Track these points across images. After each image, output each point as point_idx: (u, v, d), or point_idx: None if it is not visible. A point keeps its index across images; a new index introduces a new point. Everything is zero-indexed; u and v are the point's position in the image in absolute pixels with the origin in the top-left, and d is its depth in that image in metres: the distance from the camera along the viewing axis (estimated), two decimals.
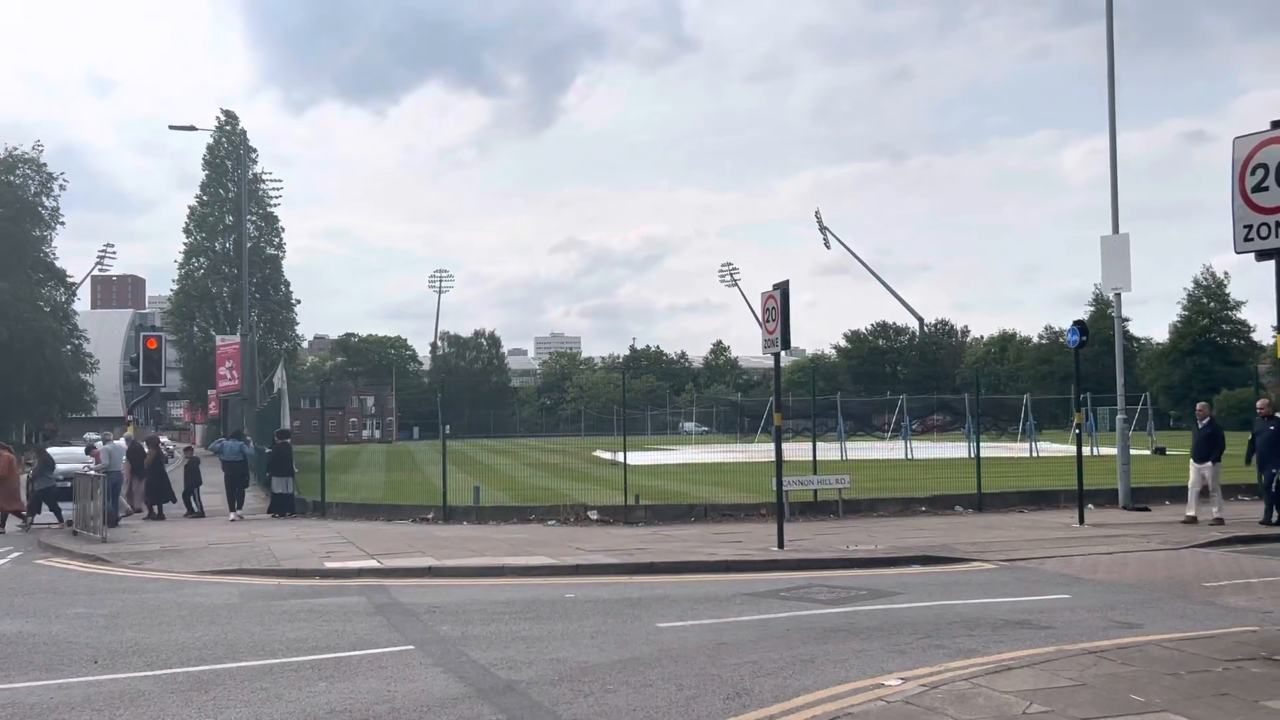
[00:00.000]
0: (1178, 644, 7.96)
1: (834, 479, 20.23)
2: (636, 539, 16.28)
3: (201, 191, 70.57)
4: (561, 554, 14.38)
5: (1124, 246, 18.62)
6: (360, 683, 7.54)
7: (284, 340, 70.99)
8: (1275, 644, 7.66)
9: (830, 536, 16.30)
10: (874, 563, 13.64)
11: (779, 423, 16.26)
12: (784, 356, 15.46)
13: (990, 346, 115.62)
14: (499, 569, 13.32)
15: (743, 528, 17.92)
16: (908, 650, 8.35)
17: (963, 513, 20.01)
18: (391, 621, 10.02)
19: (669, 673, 7.70)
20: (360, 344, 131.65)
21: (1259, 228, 7.31)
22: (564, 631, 9.34)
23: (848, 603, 10.72)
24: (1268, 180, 7.24)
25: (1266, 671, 7.05)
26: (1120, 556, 13.76)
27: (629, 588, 11.99)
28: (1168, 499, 21.25)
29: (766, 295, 15.08)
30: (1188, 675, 6.97)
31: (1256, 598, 10.62)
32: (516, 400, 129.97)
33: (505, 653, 8.46)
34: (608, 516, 19.22)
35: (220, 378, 43.15)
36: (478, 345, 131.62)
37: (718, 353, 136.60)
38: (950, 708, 6.32)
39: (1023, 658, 7.73)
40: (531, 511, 19.91)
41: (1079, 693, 6.59)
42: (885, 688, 7.00)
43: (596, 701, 6.95)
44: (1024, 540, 15.47)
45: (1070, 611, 10.00)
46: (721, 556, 14.02)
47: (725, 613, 10.18)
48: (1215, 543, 14.98)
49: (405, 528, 18.89)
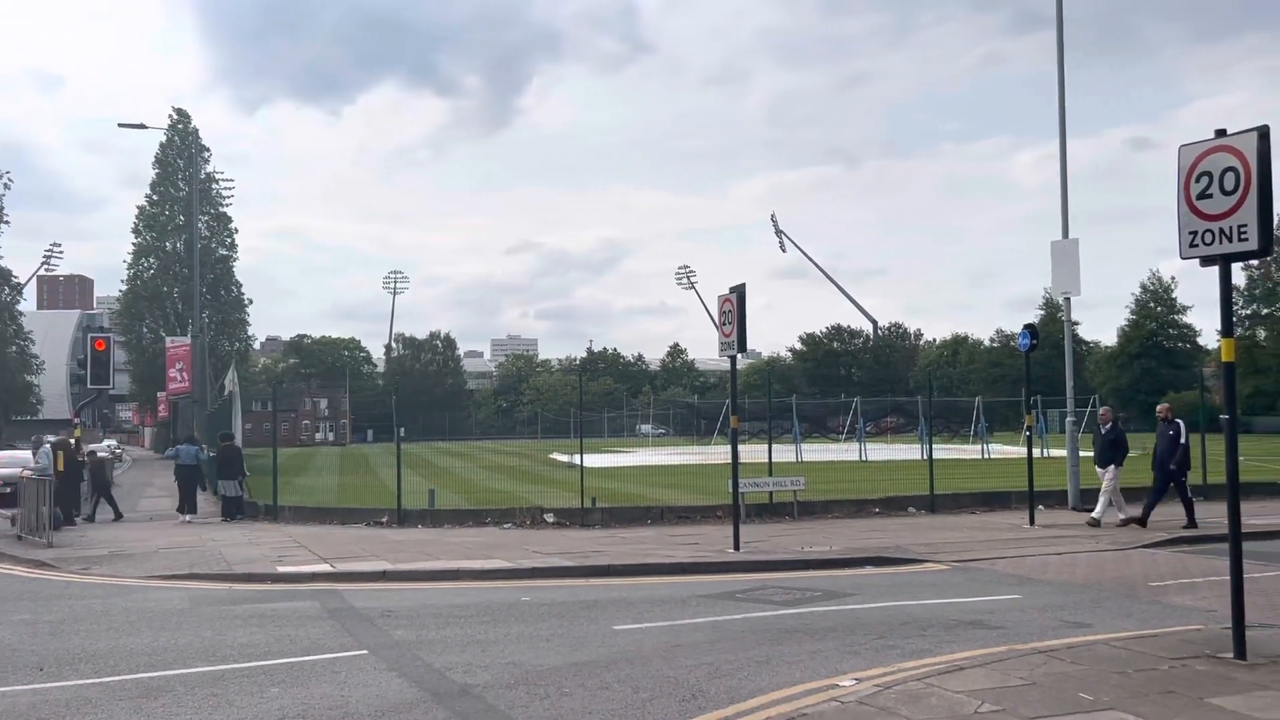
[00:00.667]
0: (1125, 643, 8.10)
1: (789, 481, 20.36)
2: (593, 541, 16.27)
3: (151, 191, 69.39)
4: (517, 557, 14.33)
5: (1073, 251, 18.92)
6: (313, 688, 7.46)
7: (235, 342, 69.98)
8: (1219, 642, 7.81)
9: (785, 538, 16.39)
10: (828, 564, 13.73)
11: (735, 425, 16.33)
12: (740, 359, 15.53)
13: (943, 350, 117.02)
14: (454, 572, 13.25)
15: (699, 530, 17.98)
16: (862, 651, 8.42)
17: (916, 514, 20.22)
18: (345, 626, 9.92)
19: (625, 675, 7.70)
20: (313, 346, 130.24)
21: (1203, 234, 7.45)
22: (520, 635, 9.31)
23: (803, 604, 10.79)
24: (1212, 188, 7.39)
25: (1210, 669, 7.19)
26: (1070, 557, 13.97)
27: (585, 590, 11.98)
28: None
29: (723, 298, 15.14)
30: (1135, 674, 7.09)
31: (1201, 597, 10.84)
32: (472, 402, 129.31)
33: (461, 657, 8.42)
34: (564, 519, 19.19)
35: (170, 380, 42.45)
36: (433, 347, 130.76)
37: (675, 355, 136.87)
38: (904, 708, 6.39)
39: (975, 657, 7.82)
40: (487, 515, 19.82)
41: (1029, 692, 6.68)
42: (840, 688, 7.05)
43: (553, 705, 6.93)
44: (976, 541, 15.66)
45: (1021, 611, 10.14)
46: (678, 559, 14.05)
47: (681, 615, 10.20)
48: (1162, 543, 15.26)
49: (359, 531, 18.72)
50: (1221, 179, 7.33)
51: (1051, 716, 6.14)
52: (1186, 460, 17.11)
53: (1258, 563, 12.68)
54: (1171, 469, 16.88)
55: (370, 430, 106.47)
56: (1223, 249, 7.34)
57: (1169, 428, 17.13)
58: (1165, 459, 16.98)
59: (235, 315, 70.13)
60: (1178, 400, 75.67)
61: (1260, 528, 16.26)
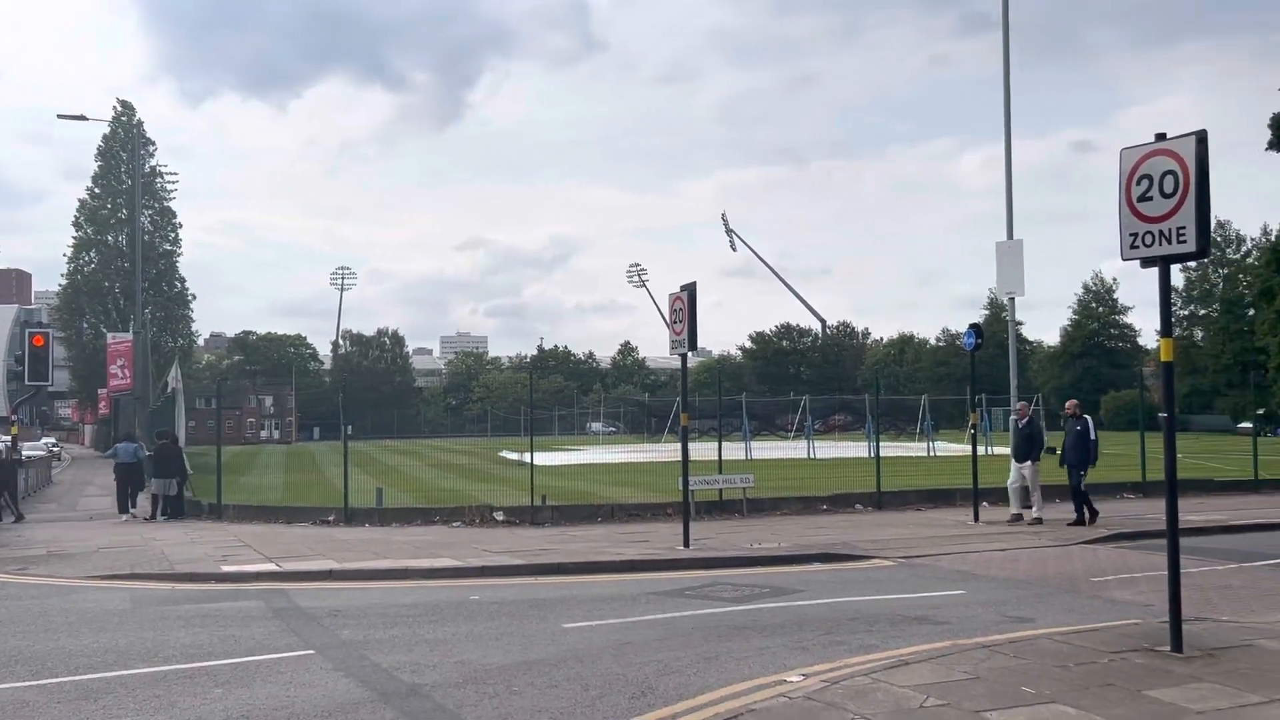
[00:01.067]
0: (1066, 637, 8.25)
1: (739, 478, 20.47)
2: (543, 540, 16.23)
3: (94, 183, 67.96)
4: (466, 556, 14.26)
5: (1018, 252, 19.20)
6: (258, 689, 7.36)
7: (179, 338, 68.84)
8: (1157, 636, 7.98)
9: (735, 535, 16.48)
10: (777, 560, 13.83)
11: (685, 423, 16.38)
12: (691, 357, 15.58)
13: (890, 348, 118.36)
14: (402, 571, 13.14)
15: (649, 527, 18.01)
16: (809, 647, 8.49)
17: (863, 511, 20.43)
18: (291, 626, 9.80)
19: (574, 673, 7.70)
20: (259, 342, 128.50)
21: (1144, 236, 7.60)
22: (469, 633, 9.26)
23: (751, 600, 10.85)
24: (1152, 190, 7.54)
25: (1148, 662, 7.35)
26: (1013, 553, 14.20)
27: (535, 589, 11.95)
28: (1058, 497, 21.96)
29: (674, 296, 15.18)
30: (1075, 667, 7.23)
31: (1140, 591, 11.07)
32: (421, 400, 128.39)
33: (409, 656, 8.35)
34: (514, 517, 19.12)
35: (111, 376, 41.61)
36: (381, 344, 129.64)
37: (626, 353, 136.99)
38: (850, 703, 6.45)
39: (920, 652, 7.92)
40: (436, 513, 19.69)
41: (973, 686, 6.78)
42: (787, 684, 7.10)
43: (502, 703, 6.91)
44: (921, 538, 15.86)
45: (965, 607, 10.29)
46: (628, 556, 14.07)
47: (631, 612, 10.21)
48: (1102, 539, 15.56)
49: (305, 530, 18.50)
50: (1161, 182, 7.48)
51: (994, 710, 6.24)
52: (1092, 457, 17.24)
53: (1194, 558, 12.97)
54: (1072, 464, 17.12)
55: (317, 428, 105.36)
56: (1162, 251, 7.50)
57: (1077, 424, 17.42)
58: (1073, 456, 17.22)
59: (179, 311, 68.95)
60: (1118, 399, 77.46)
61: (1197, 524, 16.69)
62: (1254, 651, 7.65)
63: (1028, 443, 17.73)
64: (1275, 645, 7.87)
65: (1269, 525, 17.22)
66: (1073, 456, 17.26)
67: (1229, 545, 14.85)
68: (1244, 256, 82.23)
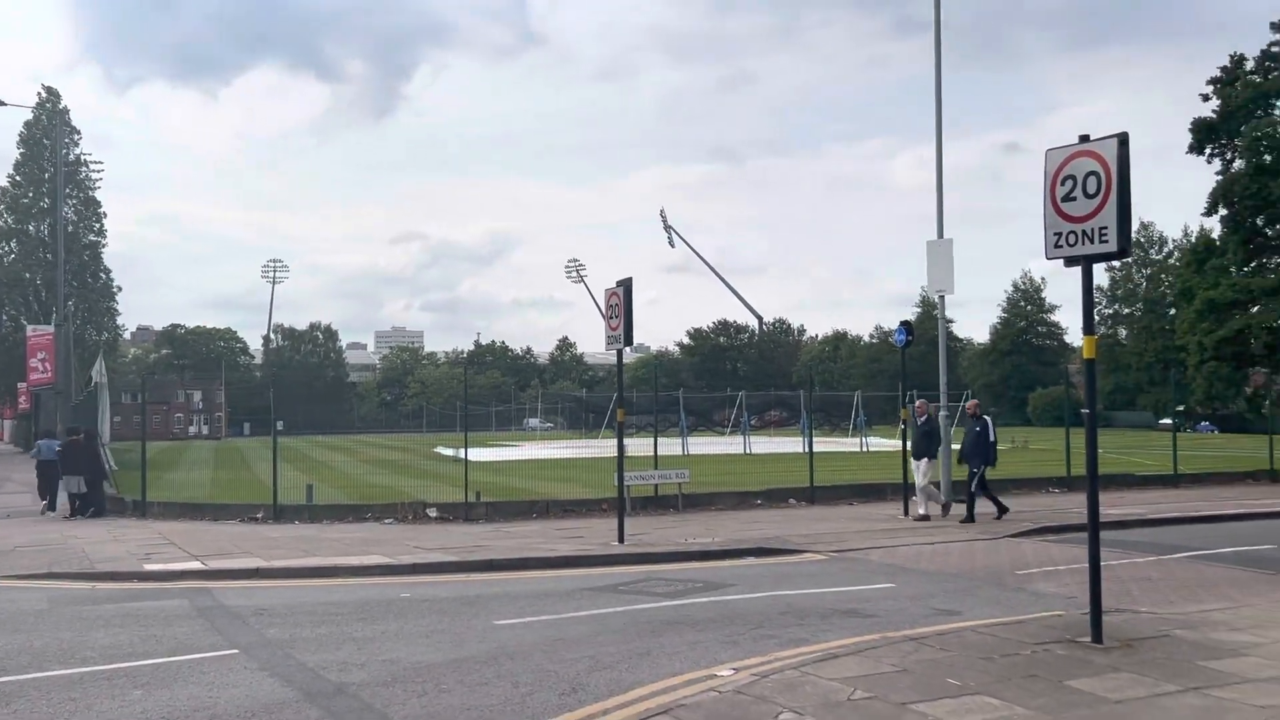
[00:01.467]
0: (991, 629, 8.39)
1: (674, 474, 20.53)
2: (477, 536, 16.11)
3: (15, 171, 65.86)
4: (398, 553, 14.10)
5: (947, 251, 19.48)
6: (179, 690, 7.20)
7: (104, 331, 67.03)
8: (1079, 627, 8.16)
9: (670, 530, 16.52)
10: (711, 555, 13.89)
11: (621, 419, 16.37)
12: (629, 353, 15.59)
13: (824, 345, 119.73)
14: (332, 569, 12.95)
15: (584, 523, 17.98)
16: (740, 641, 8.54)
17: (796, 505, 20.61)
18: (215, 625, 9.60)
19: (505, 670, 7.65)
20: (187, 336, 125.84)
21: (1067, 235, 7.76)
22: (398, 631, 9.15)
23: (684, 595, 10.88)
24: (1076, 191, 7.70)
25: (1070, 653, 7.51)
26: (942, 547, 14.43)
27: (467, 586, 11.85)
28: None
29: (610, 292, 15.17)
30: (1000, 659, 7.36)
31: (1063, 584, 11.31)
32: (355, 395, 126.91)
33: (336, 655, 8.23)
34: (448, 514, 18.96)
35: (31, 370, 40.46)
36: (314, 338, 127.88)
37: (564, 348, 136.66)
38: (780, 696, 6.49)
39: (849, 645, 8.00)
40: (368, 510, 19.45)
41: (900, 678, 6.87)
42: (718, 678, 7.13)
43: (430, 701, 6.84)
44: (853, 532, 16.05)
45: (894, 600, 10.43)
46: (562, 552, 14.02)
47: (564, 608, 10.17)
48: (1028, 532, 15.87)
49: (233, 528, 18.15)
50: (1085, 182, 7.64)
51: (921, 702, 6.32)
52: (991, 457, 17.39)
53: (1115, 551, 13.30)
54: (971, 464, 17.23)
55: (247, 424, 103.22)
56: (1085, 250, 7.66)
57: (977, 424, 17.55)
58: (970, 454, 17.34)
59: (103, 303, 67.18)
60: (1045, 396, 79.08)
61: (1118, 518, 17.10)
62: (1169, 642, 7.86)
63: (925, 440, 17.81)
64: (1190, 636, 8.09)
65: (1187, 519, 17.71)
66: (972, 456, 17.34)
67: (1149, 538, 15.25)
68: (1166, 257, 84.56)
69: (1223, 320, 29.45)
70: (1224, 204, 30.06)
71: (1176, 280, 66.67)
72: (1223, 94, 31.10)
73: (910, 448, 18.29)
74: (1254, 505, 19.65)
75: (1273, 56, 30.66)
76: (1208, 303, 29.98)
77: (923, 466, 17.73)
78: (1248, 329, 28.83)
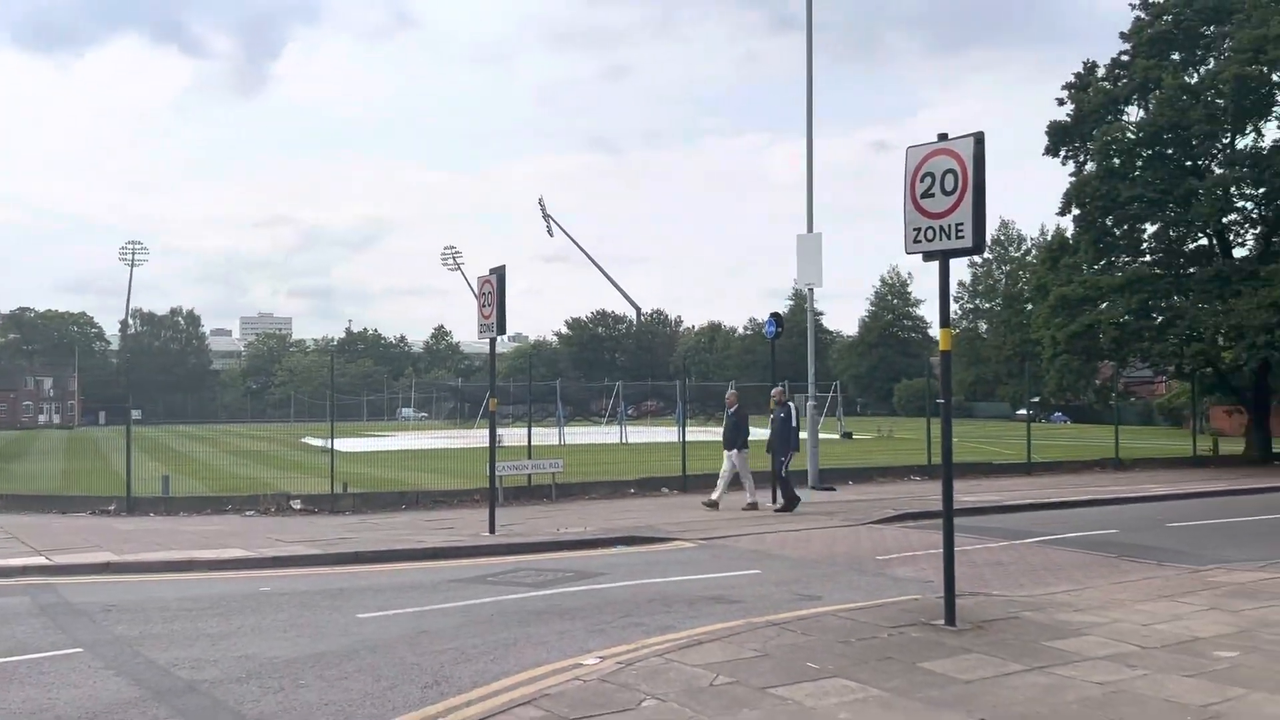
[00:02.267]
0: (851, 614, 8.61)
1: (548, 463, 20.49)
2: (342, 528, 15.76)
3: None
4: (259, 545, 13.67)
5: (817, 245, 19.93)
6: (14, 692, 6.80)
7: None
8: (934, 610, 8.44)
9: (541, 520, 16.46)
10: (582, 544, 13.88)
11: (493, 408, 16.21)
12: (508, 342, 15.52)
13: (700, 336, 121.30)
14: (187, 563, 12.46)
15: (456, 514, 17.77)
16: (608, 629, 8.55)
17: (669, 494, 20.81)
18: (58, 623, 9.13)
19: (366, 664, 7.48)
20: (37, 320, 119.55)
21: (926, 231, 7.99)
22: (255, 626, 8.86)
23: (553, 585, 10.85)
24: (934, 188, 7.93)
25: (924, 636, 7.76)
26: (806, 533, 14.75)
27: (330, 579, 11.56)
28: (851, 479, 23.08)
29: (483, 279, 15.02)
30: (857, 642, 7.55)
31: (920, 568, 11.69)
32: (219, 383, 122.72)
33: (188, 651, 7.92)
34: (313, 506, 18.49)
35: None
36: (174, 324, 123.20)
37: (439, 337, 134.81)
38: (644, 683, 6.52)
39: (714, 631, 8.10)
40: (228, 502, 18.81)
41: (762, 663, 6.99)
42: (583, 667, 7.12)
43: (286, 697, 6.64)
44: (722, 519, 16.28)
45: (760, 586, 10.61)
46: (430, 544, 13.82)
47: (430, 600, 10.02)
48: (889, 519, 16.35)
49: (82, 521, 17.31)
50: (943, 180, 7.87)
51: (781, 685, 6.44)
52: (794, 443, 17.77)
53: (970, 536, 13.82)
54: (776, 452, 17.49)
55: (102, 413, 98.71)
56: (942, 246, 7.90)
57: (781, 411, 17.83)
58: (777, 443, 17.58)
59: None
60: (910, 387, 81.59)
61: (974, 504, 17.79)
62: (1018, 623, 8.20)
63: (734, 431, 17.98)
64: (1037, 617, 8.45)
65: (1039, 505, 18.53)
66: (777, 444, 17.56)
67: (1003, 524, 15.88)
68: (1024, 255, 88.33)
69: (1074, 316, 30.86)
70: (1077, 204, 31.47)
71: (1033, 277, 69.74)
72: (1077, 99, 32.55)
73: (723, 439, 18.31)
74: (1100, 492, 20.71)
75: (1122, 65, 32.22)
76: (1060, 299, 31.37)
77: (733, 456, 17.80)
78: (1097, 324, 30.29)
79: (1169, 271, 31.62)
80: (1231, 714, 5.88)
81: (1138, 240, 32.50)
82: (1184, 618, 8.43)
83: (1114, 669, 6.82)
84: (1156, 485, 22.25)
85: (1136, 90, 31.40)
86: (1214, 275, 29.51)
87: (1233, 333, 27.68)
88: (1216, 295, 28.80)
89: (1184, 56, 31.80)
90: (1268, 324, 26.41)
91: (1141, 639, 7.65)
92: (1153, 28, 31.68)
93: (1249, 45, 28.13)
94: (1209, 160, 31.33)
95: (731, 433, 17.98)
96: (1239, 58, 28.35)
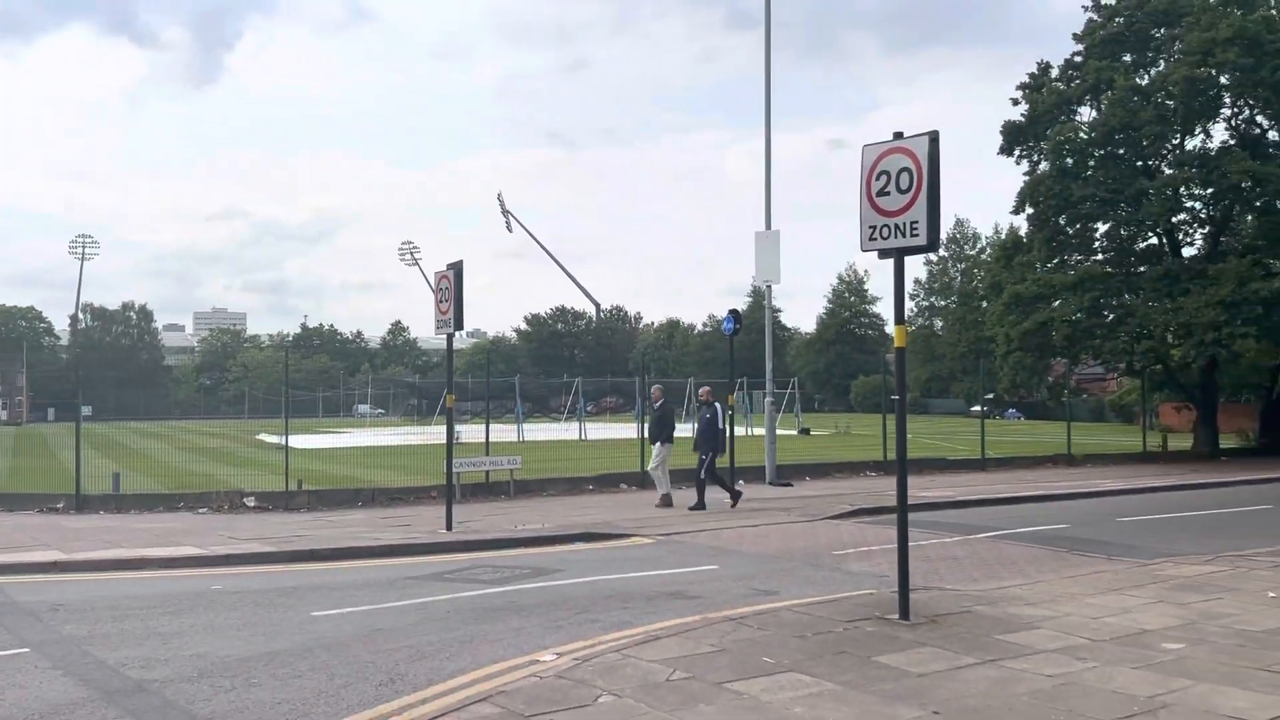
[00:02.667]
0: (807, 608, 8.67)
1: (506, 460, 20.40)
2: (297, 525, 15.60)
3: None
4: (211, 543, 13.50)
5: (775, 242, 20.03)
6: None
7: None
8: (888, 605, 8.51)
9: (499, 517, 16.40)
10: (540, 541, 13.85)
11: (451, 404, 16.14)
12: (467, 339, 15.55)
13: (660, 333, 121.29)
14: (138, 561, 12.28)
15: (413, 511, 17.67)
16: (565, 625, 8.54)
17: (627, 490, 20.81)
18: (2, 622, 8.95)
19: (321, 662, 7.42)
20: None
21: (881, 229, 8.06)
22: (207, 625, 8.75)
23: (510, 582, 10.81)
24: (890, 186, 7.99)
25: (878, 630, 7.83)
26: (764, 529, 14.82)
27: (285, 577, 11.44)
28: (809, 475, 23.22)
29: (440, 275, 14.94)
30: (813, 637, 7.60)
31: (876, 563, 11.78)
32: (172, 380, 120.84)
33: (138, 651, 7.80)
34: (267, 503, 18.28)
35: None
36: (126, 319, 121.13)
37: (396, 333, 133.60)
38: (600, 679, 6.52)
39: (671, 627, 8.11)
40: (180, 499, 18.56)
41: (718, 658, 7.01)
42: (540, 663, 7.11)
43: (238, 696, 6.56)
44: (680, 515, 16.31)
45: (718, 581, 10.65)
46: (386, 541, 13.72)
47: (386, 598, 9.95)
48: (845, 514, 16.46)
49: (29, 518, 17.01)
50: (898, 178, 7.94)
51: (737, 680, 6.47)
52: (719, 443, 17.71)
53: (925, 531, 13.96)
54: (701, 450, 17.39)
55: (52, 409, 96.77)
56: (897, 243, 7.97)
57: (707, 411, 17.81)
58: (702, 442, 17.52)
59: None
60: (867, 383, 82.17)
61: (929, 500, 17.98)
62: (971, 617, 8.30)
63: (657, 425, 17.99)
64: (990, 611, 8.56)
65: (992, 500, 18.75)
66: (702, 443, 17.52)
67: (957, 519, 16.05)
68: (979, 253, 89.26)
69: (1027, 313, 31.29)
70: (1030, 203, 31.90)
71: (987, 275, 70.56)
72: (1030, 99, 32.96)
73: (649, 433, 18.30)
74: (1053, 487, 21.00)
75: (1075, 65, 32.67)
76: (1014, 296, 31.79)
77: (657, 449, 17.82)
78: (1050, 322, 30.72)
79: (1120, 270, 32.16)
80: (1177, 704, 5.99)
81: (1090, 239, 33.02)
82: (1132, 611, 8.58)
83: (1064, 661, 6.92)
84: (1107, 480, 22.61)
85: (1089, 91, 31.88)
86: (1163, 274, 30.05)
87: (1181, 331, 28.22)
88: (1166, 294, 29.32)
89: (1135, 58, 32.35)
90: (1215, 322, 26.93)
91: (1091, 632, 7.77)
92: (1105, 29, 32.18)
93: (1198, 48, 28.67)
94: (1159, 161, 31.90)
95: (654, 426, 17.98)
96: (1188, 60, 28.88)
